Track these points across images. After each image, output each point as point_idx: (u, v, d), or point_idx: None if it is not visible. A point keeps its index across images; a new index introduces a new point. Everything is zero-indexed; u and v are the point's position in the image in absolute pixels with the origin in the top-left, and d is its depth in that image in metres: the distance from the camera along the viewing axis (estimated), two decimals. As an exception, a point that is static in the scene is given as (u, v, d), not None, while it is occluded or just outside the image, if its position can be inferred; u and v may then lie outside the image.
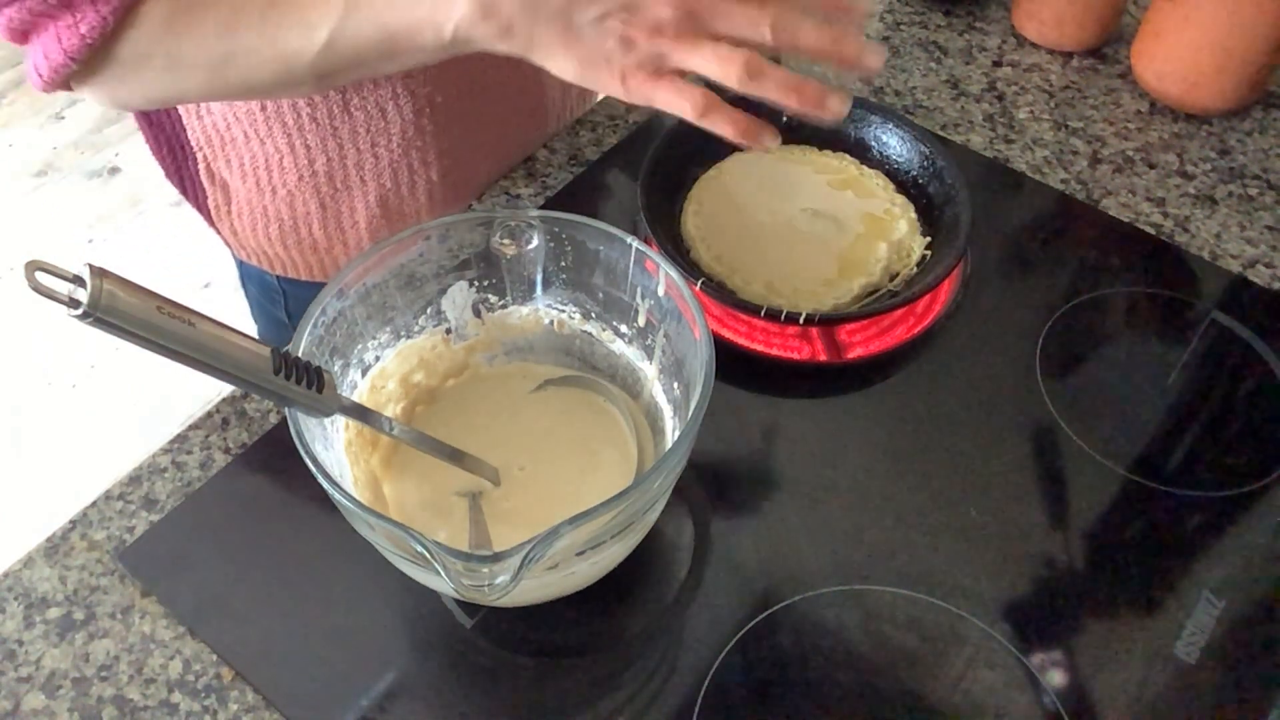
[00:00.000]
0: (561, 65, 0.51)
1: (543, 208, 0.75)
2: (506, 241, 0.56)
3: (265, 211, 0.75)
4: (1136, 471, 0.61)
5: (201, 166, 0.75)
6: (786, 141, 0.77)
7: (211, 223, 0.81)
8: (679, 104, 0.51)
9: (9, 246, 2.06)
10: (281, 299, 0.84)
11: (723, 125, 0.51)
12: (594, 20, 0.49)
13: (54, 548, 0.59)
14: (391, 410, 0.58)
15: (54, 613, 0.56)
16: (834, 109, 0.51)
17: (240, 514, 0.60)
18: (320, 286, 0.79)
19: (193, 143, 0.74)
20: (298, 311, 0.84)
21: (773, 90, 0.50)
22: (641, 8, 0.48)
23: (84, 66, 0.56)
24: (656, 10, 0.48)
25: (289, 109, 0.68)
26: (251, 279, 0.86)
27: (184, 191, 0.79)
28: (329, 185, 0.73)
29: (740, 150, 0.76)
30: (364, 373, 0.57)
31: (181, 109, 0.72)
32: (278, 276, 0.82)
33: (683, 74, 0.52)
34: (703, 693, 0.53)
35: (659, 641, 0.55)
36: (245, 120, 0.69)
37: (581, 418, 0.60)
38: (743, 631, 0.55)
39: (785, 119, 0.77)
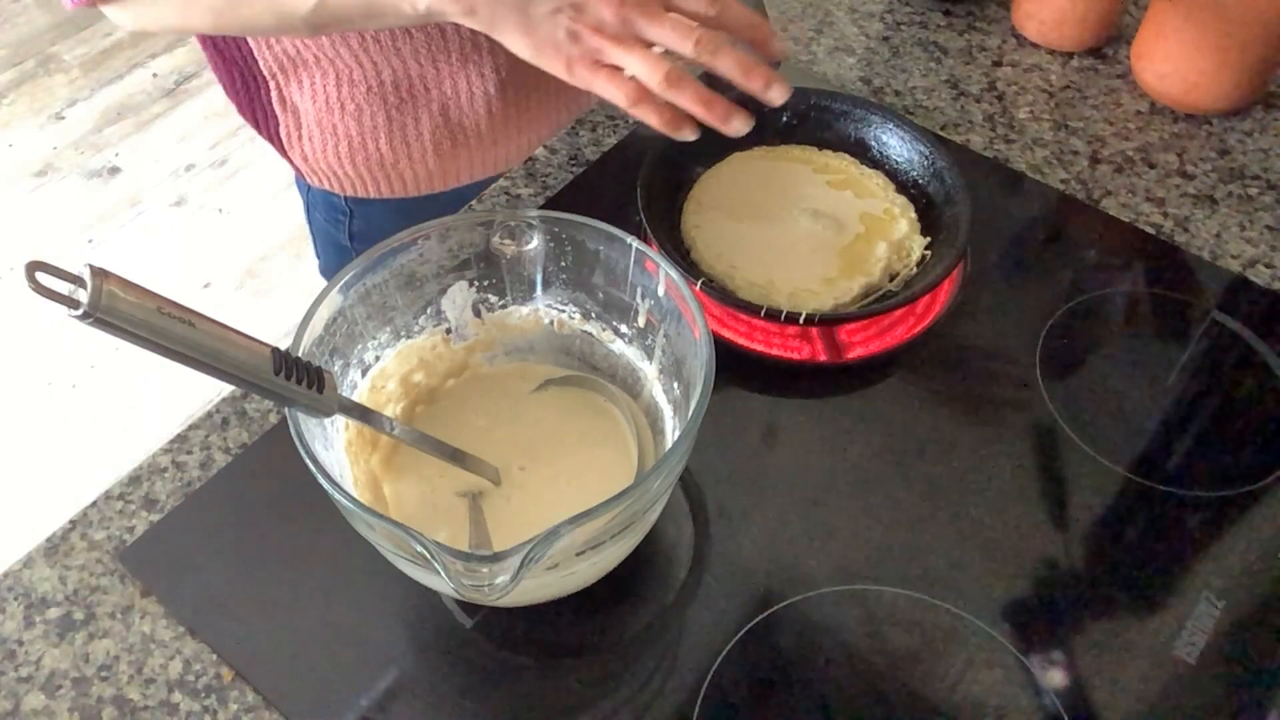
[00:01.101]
0: (518, 46, 0.58)
1: (543, 208, 0.75)
2: (506, 241, 0.56)
3: (335, 130, 0.80)
4: (1136, 471, 0.61)
5: (274, 94, 0.80)
6: (787, 141, 0.78)
7: (283, 151, 0.85)
8: (614, 93, 0.58)
9: (9, 246, 2.06)
10: (346, 221, 0.89)
11: (649, 115, 0.58)
12: (547, 13, 0.56)
13: (54, 548, 0.59)
14: (391, 410, 0.58)
15: (54, 613, 0.56)
16: (736, 126, 0.59)
17: (240, 514, 0.60)
18: (385, 204, 0.85)
19: (264, 71, 0.79)
20: (360, 233, 0.90)
21: (687, 100, 0.58)
22: (587, 8, 0.55)
23: None
24: (599, 12, 0.55)
25: (355, 32, 0.72)
26: (318, 206, 0.91)
27: (256, 124, 0.84)
28: (395, 96, 0.78)
29: (740, 150, 0.77)
30: (364, 373, 0.57)
31: (251, 42, 0.77)
32: (345, 197, 0.87)
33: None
34: (703, 693, 0.53)
35: (659, 641, 0.55)
36: (313, 45, 0.74)
37: (582, 418, 0.60)
38: (743, 631, 0.55)
39: (785, 118, 0.77)
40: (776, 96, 0.59)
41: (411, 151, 0.82)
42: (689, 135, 0.60)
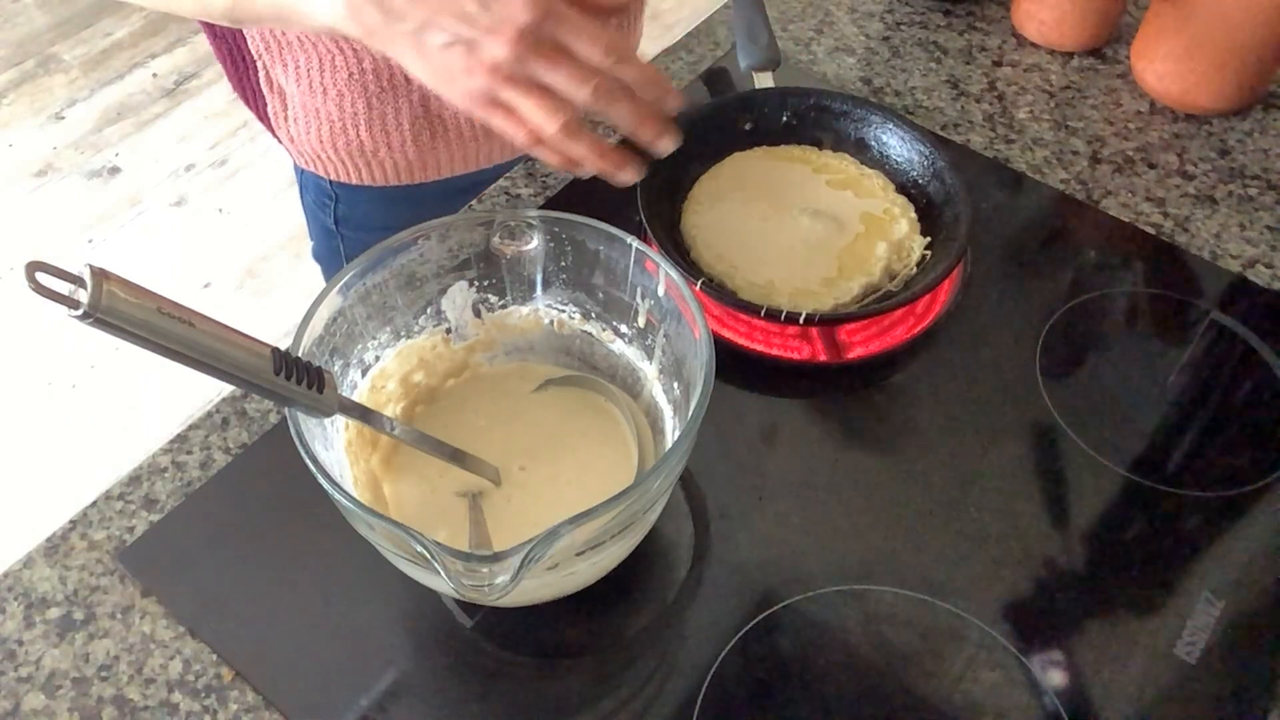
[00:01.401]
0: (417, 72, 0.57)
1: (543, 208, 0.75)
2: (506, 241, 0.56)
3: (317, 113, 0.80)
4: (1136, 471, 0.61)
5: (262, 75, 0.80)
6: (787, 141, 0.78)
7: (273, 131, 0.86)
8: (511, 133, 0.57)
9: (9, 246, 2.06)
10: (332, 205, 0.89)
11: (547, 156, 0.58)
12: (442, 45, 0.54)
13: (54, 548, 0.59)
14: (391, 410, 0.58)
15: (54, 613, 0.56)
16: (626, 178, 0.60)
17: (240, 514, 0.60)
18: (369, 191, 0.85)
19: (252, 51, 0.79)
20: (344, 218, 0.90)
21: (582, 151, 0.57)
22: (481, 46, 0.53)
23: None
24: (493, 50, 0.53)
25: None
26: (308, 186, 0.91)
27: (248, 102, 0.85)
28: (375, 84, 0.77)
29: (740, 150, 0.77)
30: (364, 373, 0.57)
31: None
32: (330, 182, 0.87)
33: None
34: (703, 693, 0.53)
35: (659, 641, 0.55)
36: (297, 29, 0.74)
37: (582, 417, 0.60)
38: (743, 631, 0.55)
39: (785, 118, 0.77)
40: (665, 147, 0.60)
41: (391, 140, 0.81)
42: (584, 175, 0.60)
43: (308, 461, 0.46)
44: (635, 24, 0.89)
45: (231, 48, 0.81)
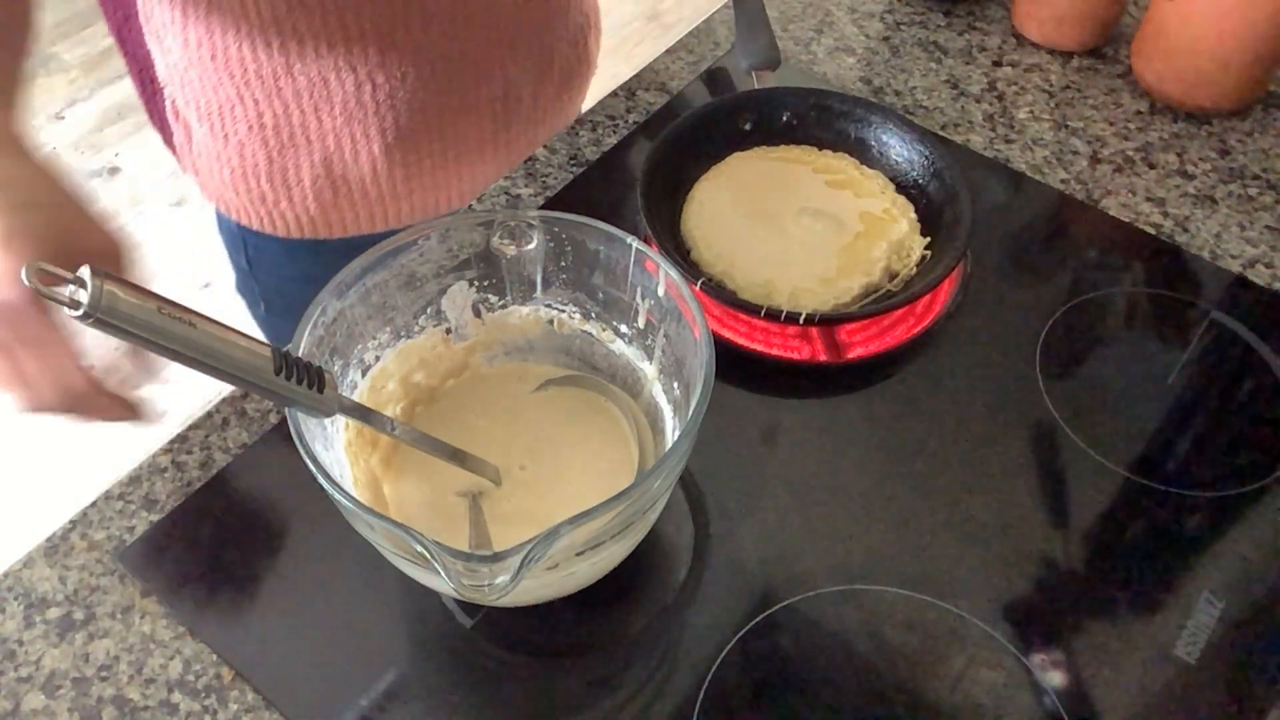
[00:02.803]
0: None
1: (543, 208, 0.75)
2: (506, 241, 0.56)
3: (219, 156, 0.77)
4: (1136, 471, 0.61)
5: (168, 103, 0.78)
6: (787, 141, 0.78)
7: (179, 161, 0.83)
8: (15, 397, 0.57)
9: (9, 246, 2.06)
10: (243, 245, 0.86)
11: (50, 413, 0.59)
12: None
13: (54, 548, 0.59)
14: (392, 410, 0.58)
15: (54, 613, 0.56)
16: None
17: (240, 514, 0.60)
18: (275, 241, 0.82)
19: (160, 78, 0.76)
20: (256, 260, 0.87)
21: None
22: None
23: None
24: None
25: (235, 62, 0.70)
26: (223, 224, 0.88)
27: (157, 127, 0.82)
28: (276, 139, 0.74)
29: (740, 150, 0.77)
30: (364, 373, 0.57)
31: (150, 44, 0.75)
32: (238, 224, 0.84)
33: None
34: (703, 693, 0.53)
35: (659, 641, 0.55)
36: (199, 65, 0.72)
37: (582, 417, 0.60)
38: (743, 631, 0.55)
39: (785, 118, 0.77)
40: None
41: (292, 195, 0.78)
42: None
43: (308, 461, 0.46)
44: (580, 91, 0.88)
45: (144, 69, 0.77)
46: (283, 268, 0.85)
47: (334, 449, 0.53)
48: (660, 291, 0.55)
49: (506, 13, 0.75)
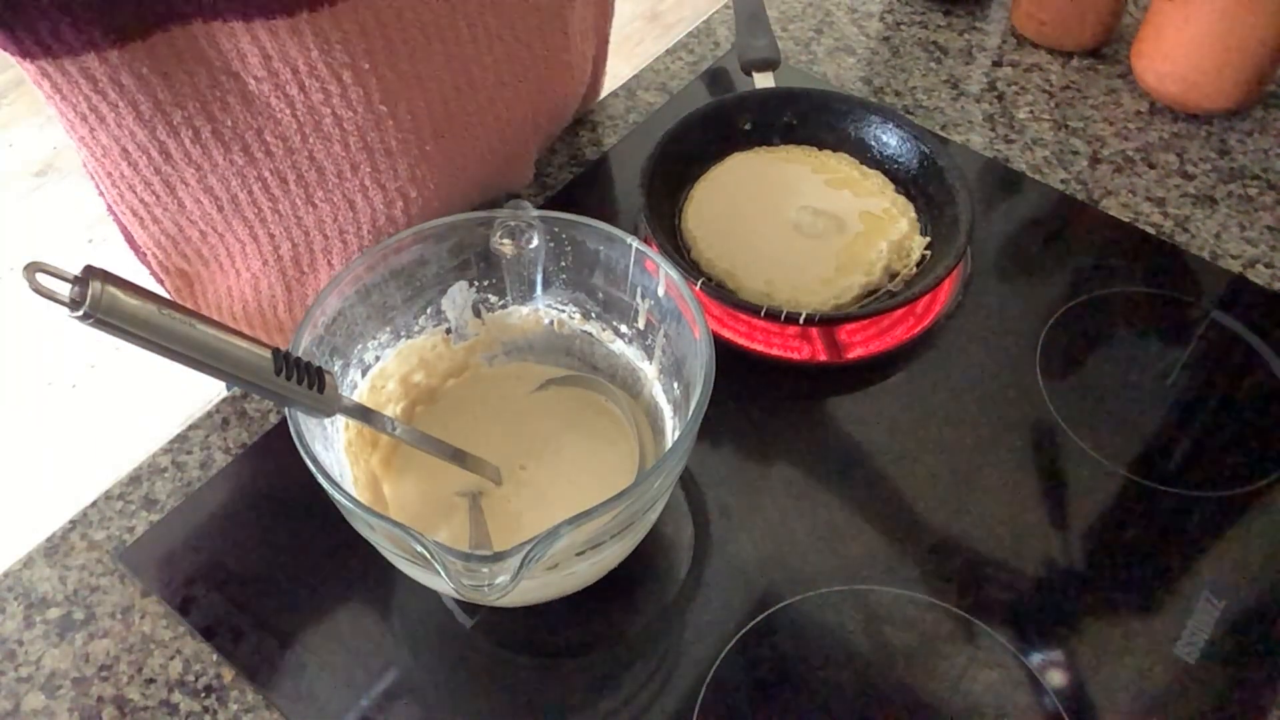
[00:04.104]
0: None
1: (543, 208, 0.75)
2: (506, 241, 0.56)
3: (229, 291, 0.70)
4: (1136, 471, 0.61)
5: (153, 262, 0.69)
6: (786, 141, 0.78)
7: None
8: None
9: (9, 246, 2.06)
10: None
11: None
12: None
13: (54, 548, 0.59)
14: (392, 410, 0.58)
15: (54, 613, 0.56)
16: None
17: (240, 514, 0.60)
18: None
19: (140, 244, 0.68)
20: None
21: None
22: None
23: None
24: None
25: (248, 205, 0.63)
26: None
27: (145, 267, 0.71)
28: (295, 269, 0.67)
29: (740, 150, 0.77)
30: (364, 373, 0.57)
31: (125, 220, 0.66)
32: None
33: None
34: (703, 693, 0.53)
35: (659, 641, 0.55)
36: (201, 221, 0.64)
37: (582, 417, 0.60)
38: (743, 631, 0.55)
39: (785, 118, 0.77)
40: None
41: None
42: None
43: (308, 461, 0.46)
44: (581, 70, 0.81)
45: (123, 229, 0.68)
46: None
47: (334, 449, 0.53)
48: (660, 291, 0.55)
49: (532, 94, 0.70)
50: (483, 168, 0.69)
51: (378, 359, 0.58)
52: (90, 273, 0.38)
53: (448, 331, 0.60)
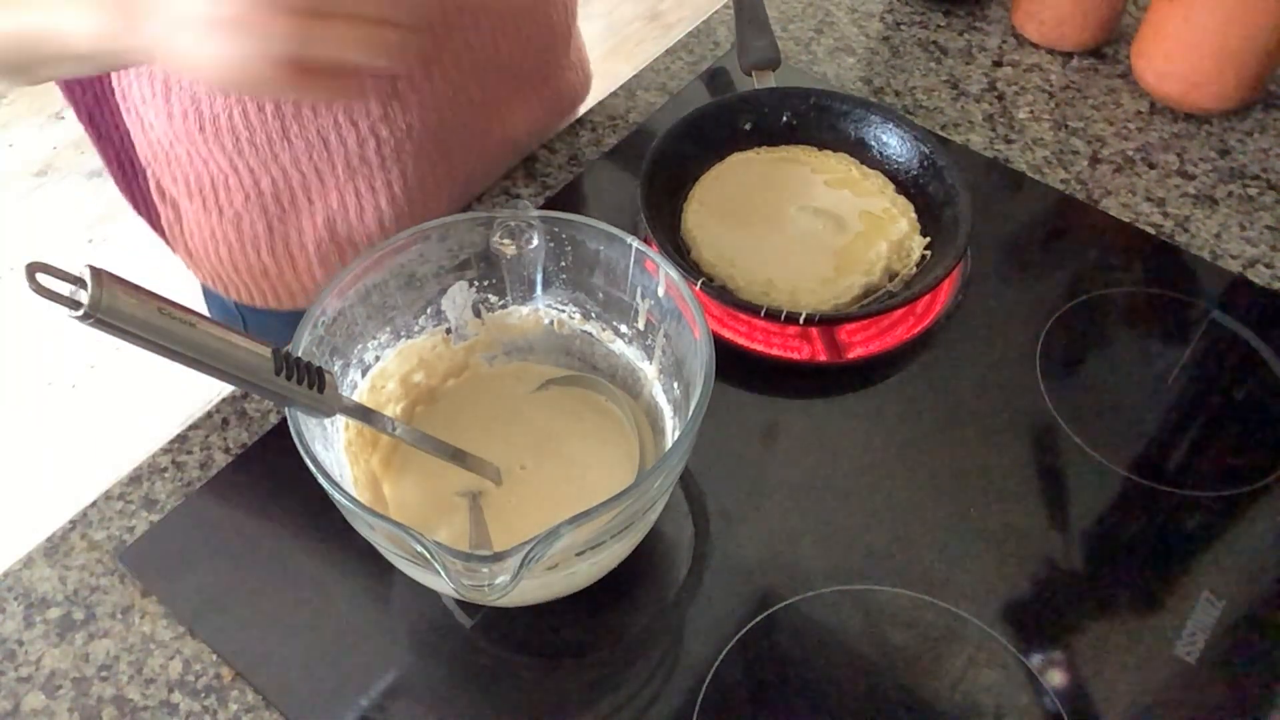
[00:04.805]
0: (210, 80, 0.49)
1: (543, 208, 0.75)
2: (506, 241, 0.56)
3: (214, 233, 0.73)
4: (1136, 471, 0.61)
5: (152, 183, 0.73)
6: (787, 141, 0.78)
7: (168, 243, 0.78)
8: (328, 91, 0.49)
9: (9, 246, 2.06)
10: (242, 326, 0.81)
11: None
12: (230, 20, 0.45)
13: (54, 548, 0.59)
14: (391, 410, 0.58)
15: (54, 613, 0.56)
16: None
17: (240, 514, 0.60)
18: (277, 315, 0.78)
19: (140, 158, 0.72)
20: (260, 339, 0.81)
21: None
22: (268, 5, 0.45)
23: None
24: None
25: (227, 132, 0.66)
26: (214, 303, 0.84)
27: (136, 208, 0.76)
28: (276, 206, 0.70)
29: (740, 150, 0.77)
30: (364, 373, 0.57)
31: (129, 123, 0.70)
32: (235, 304, 0.80)
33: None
34: (703, 693, 0.53)
35: (659, 641, 0.55)
36: (186, 140, 0.67)
37: (583, 417, 0.60)
38: (743, 631, 0.55)
39: (785, 118, 0.77)
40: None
41: (296, 263, 0.75)
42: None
43: (308, 461, 0.46)
44: (578, 106, 0.85)
45: (119, 150, 0.72)
46: (285, 343, 0.80)
47: (334, 449, 0.53)
48: (660, 291, 0.55)
49: (511, 56, 0.73)
50: (457, 116, 0.70)
51: (378, 359, 0.58)
52: (90, 273, 0.38)
53: (448, 331, 0.60)
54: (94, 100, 0.70)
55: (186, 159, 0.69)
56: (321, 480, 0.46)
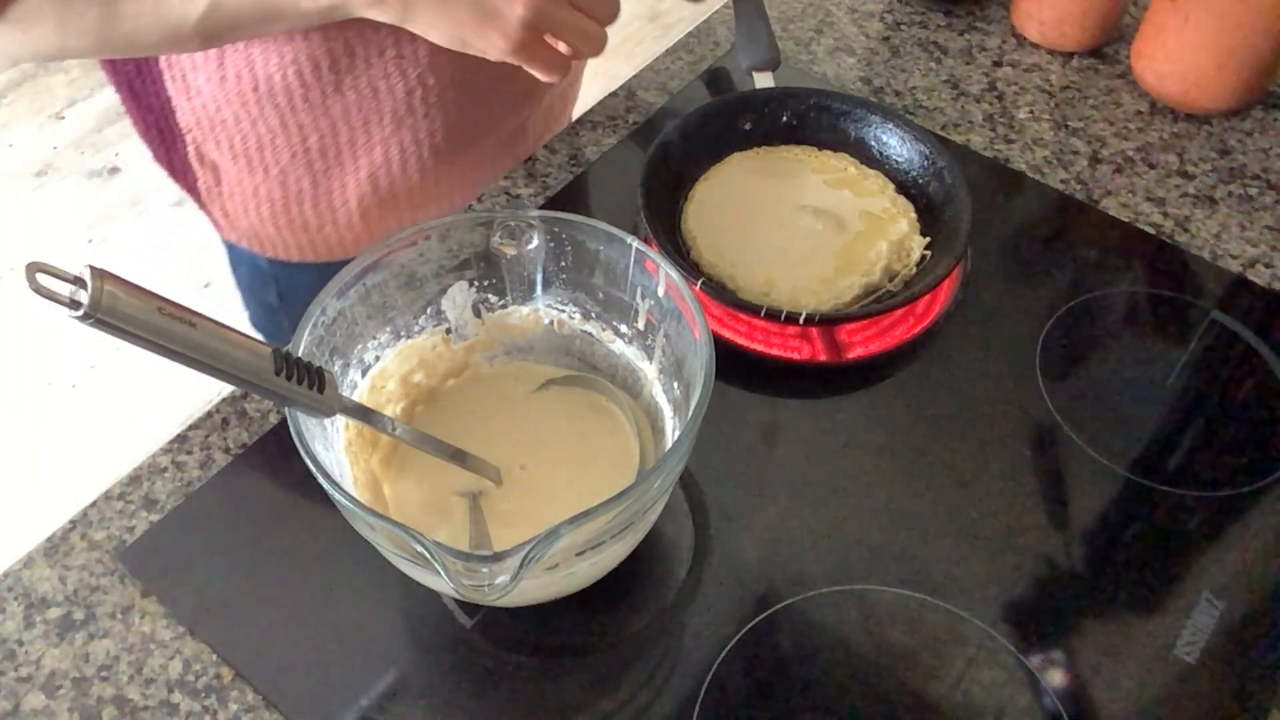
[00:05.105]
0: (439, 33, 0.57)
1: (543, 208, 0.75)
2: (506, 241, 0.56)
3: (256, 191, 0.75)
4: (1136, 471, 0.61)
5: (191, 149, 0.75)
6: (787, 141, 0.78)
7: (201, 204, 0.81)
8: (547, 66, 0.58)
9: (9, 246, 2.06)
10: (273, 283, 0.84)
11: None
12: None
13: (54, 548, 0.59)
14: (391, 410, 0.58)
15: (54, 613, 0.56)
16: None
17: (240, 514, 0.60)
18: (310, 268, 0.81)
19: (181, 125, 0.74)
20: (289, 294, 0.84)
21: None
22: None
23: None
24: None
25: (281, 91, 0.68)
26: (242, 262, 0.86)
27: (172, 173, 0.79)
28: (321, 161, 0.73)
29: (740, 150, 0.77)
30: (364, 373, 0.57)
31: (171, 90, 0.72)
32: (269, 259, 0.82)
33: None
34: (703, 693, 0.53)
35: (659, 641, 0.55)
36: (236, 101, 0.70)
37: (583, 417, 0.60)
38: (743, 631, 0.55)
39: (785, 118, 0.77)
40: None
41: (337, 216, 0.78)
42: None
43: (308, 461, 0.46)
44: (575, 91, 0.89)
45: (158, 117, 0.74)
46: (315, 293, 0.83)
47: (334, 449, 0.53)
48: (660, 291, 0.55)
49: None
50: (490, 63, 0.73)
51: (378, 359, 0.58)
52: (90, 273, 0.38)
53: (448, 331, 0.60)
54: (134, 69, 0.72)
55: (233, 121, 0.71)
56: (321, 480, 0.46)
